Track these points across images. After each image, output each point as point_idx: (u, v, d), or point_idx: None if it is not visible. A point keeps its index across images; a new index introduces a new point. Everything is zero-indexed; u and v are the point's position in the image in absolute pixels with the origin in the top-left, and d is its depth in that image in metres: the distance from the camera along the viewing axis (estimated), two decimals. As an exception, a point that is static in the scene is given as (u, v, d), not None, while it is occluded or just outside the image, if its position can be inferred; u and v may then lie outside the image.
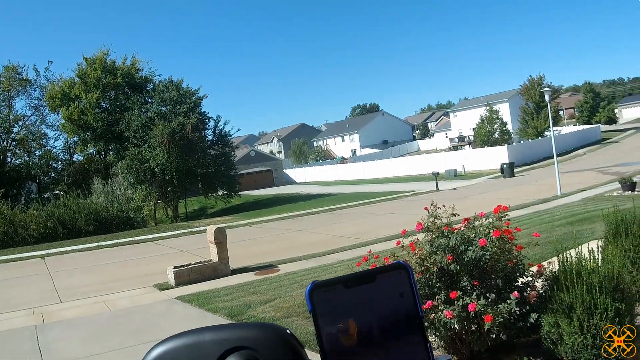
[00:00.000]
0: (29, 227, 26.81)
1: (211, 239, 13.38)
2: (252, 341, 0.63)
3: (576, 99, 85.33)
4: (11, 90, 43.83)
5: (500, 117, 56.04)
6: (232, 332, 0.65)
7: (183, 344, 0.63)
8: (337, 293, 0.63)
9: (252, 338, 0.64)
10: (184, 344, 0.63)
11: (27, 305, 11.57)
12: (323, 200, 34.76)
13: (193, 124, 35.36)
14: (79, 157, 47.15)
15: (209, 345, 0.63)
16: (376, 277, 0.64)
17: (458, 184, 34.48)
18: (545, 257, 7.38)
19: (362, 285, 0.64)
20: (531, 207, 18.97)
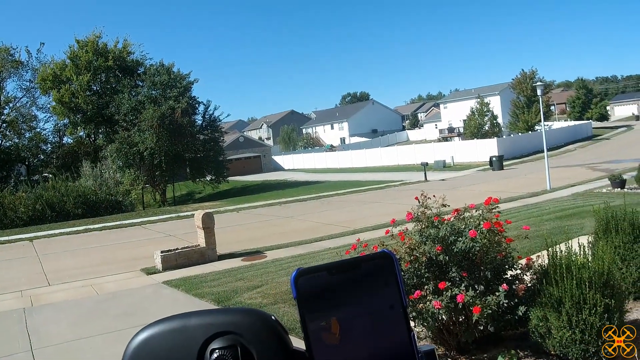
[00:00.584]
0: (18, 209, 26.69)
1: (199, 224, 13.35)
2: (236, 326, 0.64)
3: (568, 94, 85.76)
4: (2, 71, 43.44)
5: (490, 110, 56.20)
6: (217, 317, 0.65)
7: (168, 328, 0.64)
8: (321, 280, 0.63)
9: (236, 323, 0.64)
10: (170, 329, 0.64)
11: (15, 288, 11.53)
12: (311, 188, 34.77)
13: (183, 108, 35.19)
14: (68, 139, 46.93)
15: (194, 330, 0.63)
16: (361, 265, 0.65)
17: (446, 175, 34.61)
18: (534, 251, 7.43)
19: (347, 273, 0.64)
20: (520, 201, 19.06)
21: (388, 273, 0.64)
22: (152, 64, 40.96)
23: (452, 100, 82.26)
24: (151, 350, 0.62)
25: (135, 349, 0.62)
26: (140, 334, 0.64)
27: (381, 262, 0.65)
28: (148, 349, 0.62)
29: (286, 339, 0.66)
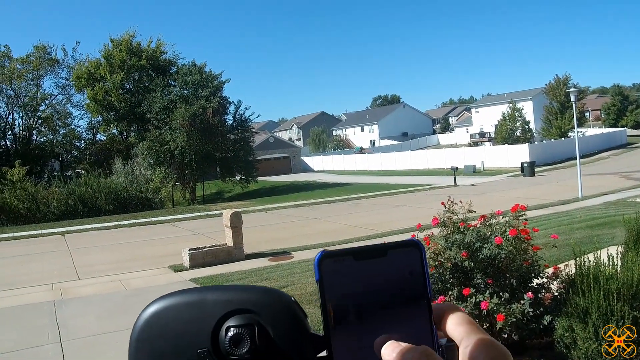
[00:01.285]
0: (51, 204, 27.27)
1: (227, 223, 13.46)
2: (255, 304, 0.62)
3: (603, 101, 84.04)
4: (40, 69, 44.51)
5: (523, 115, 55.42)
6: (236, 294, 0.63)
7: (184, 301, 0.61)
8: (346, 264, 0.61)
9: (255, 301, 0.62)
10: (185, 302, 0.61)
11: (46, 281, 11.81)
12: (339, 190, 34.73)
13: (214, 108, 35.51)
14: (101, 136, 47.85)
15: (211, 305, 0.61)
16: (387, 252, 0.63)
17: (476, 180, 34.23)
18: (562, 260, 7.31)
19: (373, 259, 0.62)
20: (550, 208, 18.76)
21: (415, 262, 0.63)
22: (184, 64, 41.49)
23: (484, 104, 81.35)
24: (165, 322, 0.60)
25: (147, 319, 0.60)
26: (154, 304, 0.61)
27: (408, 251, 0.64)
28: (162, 321, 0.60)
29: (305, 322, 0.64)
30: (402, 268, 0.61)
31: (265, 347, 0.60)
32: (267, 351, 0.60)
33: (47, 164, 44.77)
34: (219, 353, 0.59)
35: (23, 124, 45.47)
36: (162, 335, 0.60)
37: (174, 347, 0.60)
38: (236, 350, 0.58)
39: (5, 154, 42.39)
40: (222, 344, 0.59)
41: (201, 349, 0.59)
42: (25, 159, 36.07)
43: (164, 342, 0.59)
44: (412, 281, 0.61)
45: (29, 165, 34.74)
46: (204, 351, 0.59)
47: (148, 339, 0.60)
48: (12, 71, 43.28)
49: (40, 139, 46.31)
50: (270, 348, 0.61)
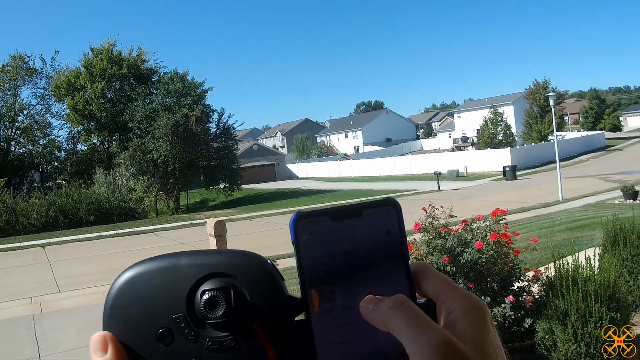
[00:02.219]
0: (31, 216, 26.89)
1: (211, 232, 13.34)
2: (230, 268, 0.59)
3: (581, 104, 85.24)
4: (17, 79, 43.97)
5: (504, 120, 55.96)
6: (210, 258, 0.60)
7: (158, 267, 0.58)
8: (322, 225, 0.59)
9: (230, 265, 0.60)
10: (159, 267, 0.58)
11: (26, 295, 11.61)
12: (324, 196, 34.75)
13: (197, 116, 35.40)
14: (82, 146, 47.28)
15: (185, 270, 0.58)
16: (363, 212, 0.62)
17: (460, 184, 34.46)
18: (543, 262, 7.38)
19: (349, 219, 0.63)
20: (532, 211, 18.93)
21: (392, 222, 0.62)
22: (166, 72, 41.35)
23: (466, 109, 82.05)
24: (138, 289, 0.57)
25: (121, 286, 0.57)
26: (127, 271, 0.58)
27: (385, 210, 0.63)
28: (135, 288, 0.57)
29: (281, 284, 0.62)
30: (379, 227, 0.60)
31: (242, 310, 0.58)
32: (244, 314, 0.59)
33: (27, 175, 44.14)
34: (195, 318, 0.57)
35: (1, 135, 44.79)
36: (136, 302, 0.57)
37: (148, 313, 0.57)
38: (212, 314, 0.57)
39: (-18, 166, 41.74)
40: (198, 308, 0.57)
41: (176, 314, 0.57)
42: (3, 171, 35.66)
43: (138, 308, 0.57)
44: (389, 240, 0.60)
45: (8, 176, 34.27)
46: (179, 316, 0.57)
47: (122, 306, 0.57)
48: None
49: (19, 149, 45.65)
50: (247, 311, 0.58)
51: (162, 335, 0.57)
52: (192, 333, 0.58)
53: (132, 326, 0.58)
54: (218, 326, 0.57)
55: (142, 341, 0.58)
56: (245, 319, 0.59)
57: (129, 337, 0.58)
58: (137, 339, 0.58)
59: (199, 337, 0.58)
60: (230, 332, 0.58)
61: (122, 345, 0.55)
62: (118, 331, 0.57)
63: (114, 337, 0.55)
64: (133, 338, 0.57)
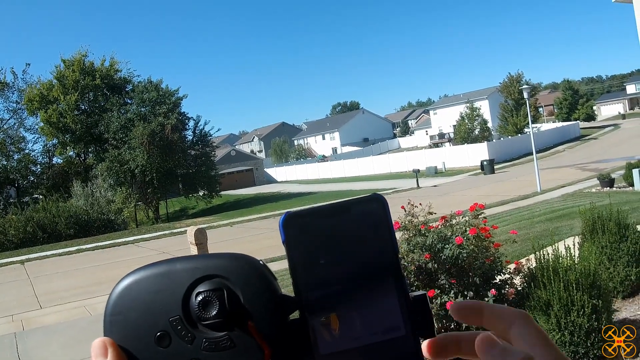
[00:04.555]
0: (8, 232, 26.47)
1: (191, 240, 13.23)
2: (223, 270, 0.61)
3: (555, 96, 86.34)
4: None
5: (480, 114, 56.50)
6: (203, 261, 0.63)
7: (154, 273, 0.61)
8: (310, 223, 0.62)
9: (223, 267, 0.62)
10: (155, 273, 0.61)
11: (6, 313, 11.42)
12: (304, 199, 34.75)
13: (173, 124, 35.16)
14: (58, 160, 46.56)
15: (180, 274, 0.61)
16: (351, 209, 0.63)
17: (438, 181, 34.70)
18: (525, 254, 7.44)
19: (337, 216, 0.63)
20: (511, 204, 19.13)
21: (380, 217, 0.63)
22: (140, 81, 40.99)
23: (442, 106, 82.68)
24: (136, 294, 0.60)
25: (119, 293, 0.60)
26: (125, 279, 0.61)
27: (372, 206, 0.64)
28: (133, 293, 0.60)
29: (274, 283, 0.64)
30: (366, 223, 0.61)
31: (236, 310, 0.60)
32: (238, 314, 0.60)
33: (2, 191, 43.40)
34: (190, 319, 0.59)
35: (-26, 151, 44.07)
36: (135, 307, 0.60)
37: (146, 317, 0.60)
38: (206, 314, 0.59)
39: (-44, 183, 41.01)
40: (193, 309, 0.59)
41: (173, 317, 0.59)
42: (-22, 187, 35.03)
43: (136, 313, 0.60)
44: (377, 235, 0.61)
45: (-18, 193, 33.72)
46: (175, 319, 0.59)
47: (121, 312, 0.60)
48: (-42, 96, 41.97)
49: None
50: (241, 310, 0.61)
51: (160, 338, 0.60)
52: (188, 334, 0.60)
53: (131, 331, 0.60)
54: (213, 326, 0.60)
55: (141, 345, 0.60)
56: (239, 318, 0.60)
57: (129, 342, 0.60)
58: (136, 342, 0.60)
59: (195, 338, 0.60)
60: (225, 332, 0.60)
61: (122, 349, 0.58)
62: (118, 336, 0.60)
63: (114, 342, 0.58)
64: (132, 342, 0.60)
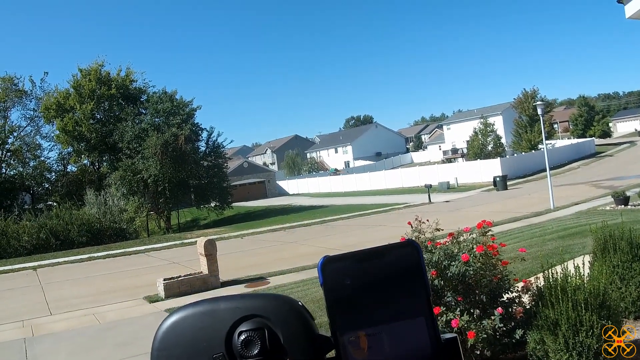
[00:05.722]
0: (22, 238, 26.73)
1: (201, 251, 13.33)
2: (264, 310, 0.67)
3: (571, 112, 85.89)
4: (7, 101, 43.92)
5: (494, 130, 56.28)
6: (245, 301, 0.68)
7: (199, 311, 0.67)
8: (347, 267, 0.66)
9: (264, 307, 0.67)
10: (199, 311, 0.67)
11: (17, 318, 11.50)
12: (315, 212, 34.72)
13: (186, 135, 35.38)
14: (72, 168, 47.13)
15: (222, 313, 0.66)
16: (386, 254, 0.67)
17: (451, 196, 34.53)
18: (535, 272, 7.37)
19: (373, 260, 0.67)
20: (523, 221, 18.97)
21: (412, 260, 0.67)
22: (154, 92, 41.41)
23: (455, 121, 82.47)
24: (181, 331, 0.65)
25: (166, 329, 0.65)
26: (171, 316, 0.66)
27: (406, 251, 0.68)
28: (178, 330, 0.65)
29: (312, 323, 0.70)
30: (401, 267, 0.66)
31: (276, 349, 0.65)
32: (278, 352, 0.65)
33: (17, 197, 43.90)
34: (233, 357, 0.64)
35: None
36: (179, 344, 0.65)
37: (190, 353, 0.65)
38: (248, 353, 0.64)
39: (-27, 188, 41.53)
40: (235, 347, 0.65)
41: (216, 354, 0.65)
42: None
43: (180, 349, 0.65)
44: (411, 279, 0.66)
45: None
46: (218, 356, 0.65)
47: (166, 347, 0.66)
48: (-23, 103, 42.62)
49: (9, 171, 45.45)
50: (280, 349, 0.65)
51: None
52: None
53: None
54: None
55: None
56: (279, 357, 0.64)
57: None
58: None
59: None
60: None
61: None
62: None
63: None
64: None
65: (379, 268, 0.67)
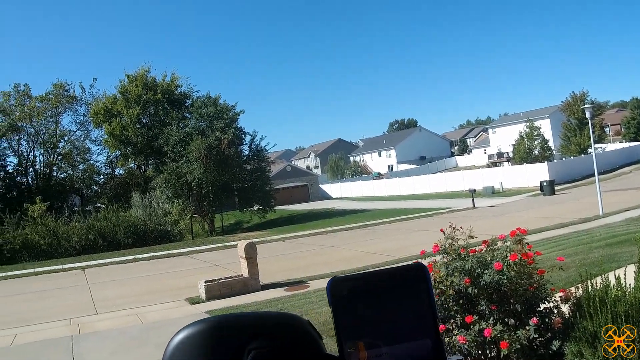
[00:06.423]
0: (71, 239, 27.60)
1: (242, 254, 13.47)
2: (273, 328, 0.69)
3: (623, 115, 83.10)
4: (59, 106, 45.50)
5: (541, 134, 55.02)
6: (255, 320, 0.70)
7: (208, 327, 0.68)
8: (356, 288, 0.66)
9: (273, 325, 0.69)
10: (209, 328, 0.68)
11: (65, 316, 11.90)
12: (357, 216, 34.65)
13: (229, 139, 35.85)
14: (120, 171, 48.46)
15: (232, 330, 0.67)
16: (395, 276, 0.68)
17: (495, 201, 33.93)
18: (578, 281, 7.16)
19: (381, 282, 0.68)
20: (570, 227, 18.47)
21: (421, 284, 0.67)
22: (199, 97, 42.14)
23: (501, 124, 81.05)
24: (190, 348, 0.66)
25: (175, 346, 0.66)
26: (181, 332, 0.67)
27: (414, 274, 0.68)
28: (187, 348, 0.66)
29: (320, 343, 0.71)
30: (408, 289, 0.66)
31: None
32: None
33: (68, 199, 45.38)
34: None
35: (43, 161, 46.42)
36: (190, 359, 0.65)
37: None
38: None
39: (26, 191, 43.15)
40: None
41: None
42: (46, 195, 36.71)
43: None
44: (418, 301, 0.66)
45: (50, 201, 35.33)
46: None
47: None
48: (32, 109, 44.27)
49: (60, 174, 47.12)
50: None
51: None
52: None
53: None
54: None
55: None
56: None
57: None
58: None
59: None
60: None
61: None
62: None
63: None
64: None
65: (387, 290, 0.67)
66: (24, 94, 44.95)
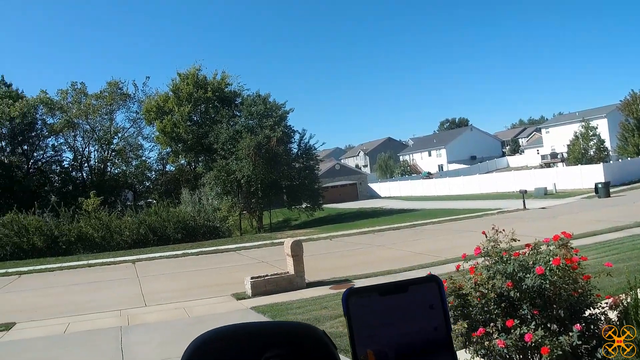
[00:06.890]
0: (124, 233, 28.38)
1: (288, 252, 13.57)
2: (290, 338, 0.69)
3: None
4: (113, 104, 46.93)
5: (597, 134, 53.24)
6: (273, 328, 0.72)
7: (226, 335, 0.69)
8: (371, 300, 0.68)
9: (290, 335, 0.70)
10: (227, 335, 0.69)
11: (115, 307, 12.29)
12: (405, 216, 34.37)
13: (278, 137, 36.13)
14: (171, 167, 49.53)
15: (250, 338, 0.68)
16: (409, 288, 0.68)
17: (547, 202, 33.04)
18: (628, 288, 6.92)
19: (396, 294, 0.69)
20: (625, 231, 17.82)
21: (434, 297, 0.69)
22: (248, 95, 42.64)
23: (555, 124, 78.85)
24: (206, 354, 0.68)
25: (192, 352, 0.68)
26: (199, 339, 0.70)
27: (428, 285, 0.69)
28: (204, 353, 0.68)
29: (335, 352, 0.72)
30: (423, 302, 0.67)
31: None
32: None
33: (121, 194, 46.76)
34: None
35: (98, 157, 48.06)
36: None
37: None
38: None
39: (81, 185, 44.72)
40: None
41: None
42: (100, 190, 37.90)
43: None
44: (433, 313, 0.67)
45: (104, 195, 36.42)
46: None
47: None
48: (88, 107, 45.84)
49: (114, 170, 48.63)
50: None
51: None
52: None
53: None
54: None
55: None
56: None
57: None
58: None
59: None
60: None
61: None
62: None
63: None
64: None
65: (402, 301, 0.68)
66: (80, 92, 46.62)
